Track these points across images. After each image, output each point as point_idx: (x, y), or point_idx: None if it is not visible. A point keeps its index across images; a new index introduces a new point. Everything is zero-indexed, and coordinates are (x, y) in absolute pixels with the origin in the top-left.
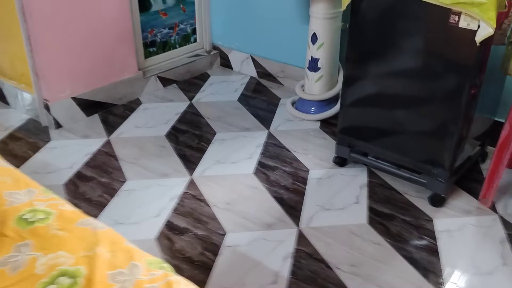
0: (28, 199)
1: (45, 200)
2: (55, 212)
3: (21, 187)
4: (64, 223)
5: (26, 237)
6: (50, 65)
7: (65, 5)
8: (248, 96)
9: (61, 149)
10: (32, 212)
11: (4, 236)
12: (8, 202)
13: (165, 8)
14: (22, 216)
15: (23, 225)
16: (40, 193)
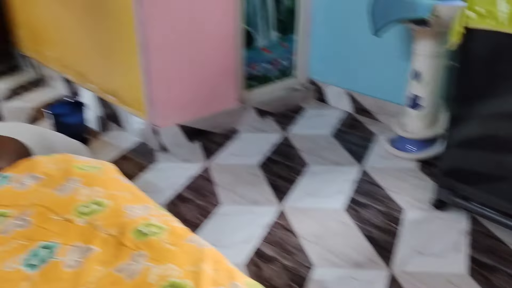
0: (144, 213)
1: (158, 215)
2: (167, 228)
3: (139, 203)
4: (175, 238)
5: (141, 248)
6: (161, 94)
7: (179, 40)
8: (342, 131)
9: (165, 171)
10: (147, 226)
11: (123, 245)
12: (127, 214)
13: (268, 44)
14: (139, 229)
15: (139, 237)
16: (154, 209)
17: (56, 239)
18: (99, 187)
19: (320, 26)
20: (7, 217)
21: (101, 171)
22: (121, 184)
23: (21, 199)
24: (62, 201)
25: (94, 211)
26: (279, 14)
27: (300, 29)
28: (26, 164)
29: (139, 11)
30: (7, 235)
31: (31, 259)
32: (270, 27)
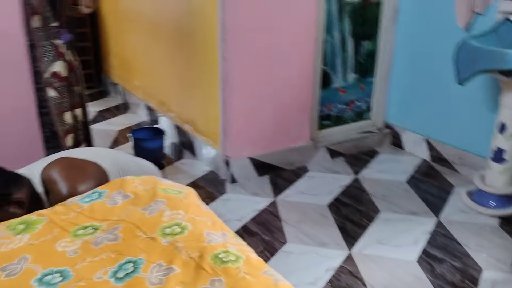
0: (223, 240)
1: (235, 244)
2: (244, 257)
3: (217, 229)
4: (251, 268)
5: (219, 274)
6: (237, 127)
7: (259, 76)
8: (418, 179)
9: (233, 202)
10: (225, 253)
11: (202, 269)
12: (207, 240)
13: (345, 85)
14: (217, 255)
15: (217, 263)
16: (231, 237)
17: (142, 255)
18: (181, 210)
19: (401, 69)
20: (99, 230)
21: (183, 195)
22: (201, 210)
23: (112, 215)
24: (148, 220)
25: (176, 233)
26: (359, 56)
27: (379, 72)
28: (118, 183)
29: (223, 48)
30: (98, 247)
31: (118, 272)
32: (349, 68)
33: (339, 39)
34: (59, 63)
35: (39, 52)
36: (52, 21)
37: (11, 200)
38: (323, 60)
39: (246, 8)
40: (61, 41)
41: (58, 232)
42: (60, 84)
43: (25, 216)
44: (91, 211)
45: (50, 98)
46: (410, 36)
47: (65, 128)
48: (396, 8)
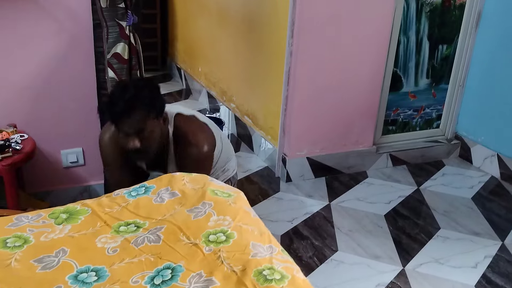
0: (269, 255)
1: (282, 261)
2: (290, 277)
3: (265, 242)
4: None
5: None
6: (297, 125)
7: (325, 75)
8: (485, 197)
9: (286, 202)
10: (270, 270)
11: (244, 285)
12: (252, 253)
13: (416, 90)
14: (261, 271)
15: (261, 281)
16: (279, 253)
17: (182, 262)
18: (228, 216)
19: (477, 78)
20: (141, 228)
21: (232, 199)
22: (250, 217)
23: (156, 213)
24: (193, 224)
25: (221, 241)
26: (434, 61)
27: (454, 79)
28: (167, 179)
29: (291, 42)
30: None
31: (156, 278)
32: (422, 73)
33: (414, 41)
34: (122, 44)
35: (104, 32)
36: (119, 1)
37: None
38: (395, 62)
39: (319, 3)
40: (127, 22)
41: (100, 226)
42: (120, 66)
43: (69, 205)
44: (136, 207)
45: (108, 79)
46: (490, 44)
47: None
48: (480, 13)
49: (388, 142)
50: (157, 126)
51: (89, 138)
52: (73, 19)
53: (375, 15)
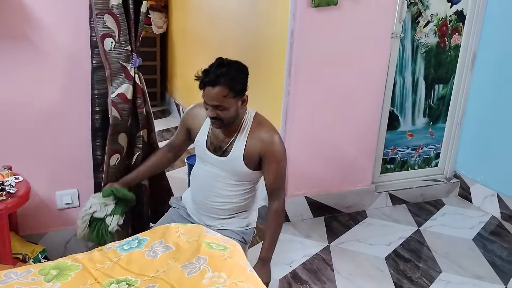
0: None
1: None
2: None
3: None
4: None
5: None
6: (295, 164)
7: (324, 113)
8: (486, 238)
9: (285, 243)
10: None
11: None
12: None
13: (413, 129)
14: None
15: None
16: None
17: None
18: (224, 273)
19: (474, 117)
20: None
21: (228, 253)
22: (246, 274)
23: (149, 269)
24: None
25: None
26: (430, 100)
27: (451, 118)
28: (161, 231)
29: (288, 82)
30: None
31: None
32: (419, 112)
33: (411, 81)
34: (126, 85)
35: (107, 74)
36: (125, 45)
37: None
38: (392, 101)
39: (316, 45)
40: (132, 65)
41: (90, 283)
42: (123, 106)
43: (60, 260)
44: (128, 262)
45: (111, 118)
46: (486, 83)
47: (114, 147)
48: (475, 53)
49: (387, 181)
50: (234, 105)
51: (84, 179)
52: (71, 61)
53: (371, 56)
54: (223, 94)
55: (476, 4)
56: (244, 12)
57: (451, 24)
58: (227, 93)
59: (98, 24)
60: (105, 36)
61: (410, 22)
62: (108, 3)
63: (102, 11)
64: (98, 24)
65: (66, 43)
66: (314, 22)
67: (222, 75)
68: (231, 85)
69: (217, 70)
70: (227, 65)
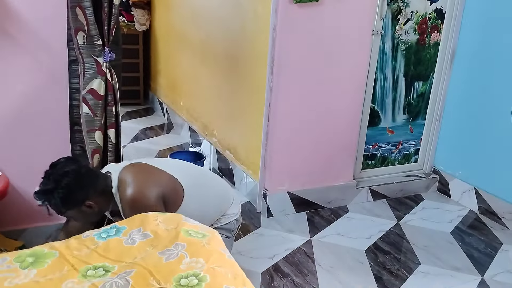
0: None
1: None
2: None
3: (238, 285)
4: None
5: None
6: (277, 160)
7: (305, 111)
8: (463, 231)
9: (267, 237)
10: None
11: None
12: None
13: (393, 126)
14: None
15: None
16: None
17: None
18: (201, 259)
19: (453, 113)
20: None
21: (206, 239)
22: (224, 259)
23: (127, 256)
24: (164, 267)
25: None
26: (410, 97)
27: (430, 114)
28: (139, 219)
29: (271, 79)
30: None
31: None
32: (399, 108)
33: (391, 78)
34: (98, 81)
35: (81, 69)
36: (97, 39)
37: (84, 203)
38: (373, 98)
39: (297, 41)
40: (104, 59)
41: (67, 270)
42: (95, 102)
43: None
44: (105, 249)
45: (83, 115)
46: (465, 80)
47: (93, 146)
48: (454, 51)
49: (368, 176)
50: (78, 213)
51: None
52: (48, 55)
53: (352, 53)
54: (57, 209)
55: (455, 2)
56: (227, 9)
57: (430, 21)
58: (60, 208)
59: (72, 18)
60: (77, 29)
61: (391, 20)
62: None
63: (74, 4)
64: (72, 18)
65: (45, 35)
66: (296, 18)
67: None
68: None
69: (45, 186)
70: (54, 181)
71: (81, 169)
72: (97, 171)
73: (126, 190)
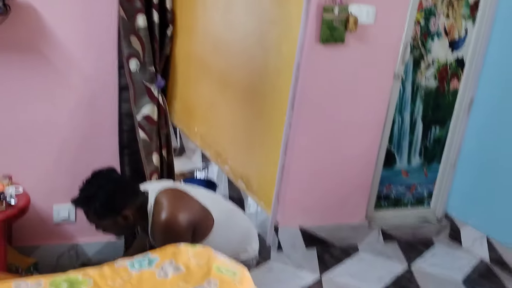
0: None
1: None
2: None
3: None
4: None
5: None
6: (291, 194)
7: (322, 147)
8: (475, 281)
9: (277, 273)
10: None
11: None
12: None
13: (409, 168)
14: None
15: None
16: None
17: None
18: None
19: (468, 160)
20: None
21: (238, 278)
22: None
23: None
24: None
25: None
26: (427, 141)
27: (445, 160)
28: (172, 251)
29: (291, 114)
30: None
31: None
32: (415, 152)
33: (409, 121)
34: (151, 106)
35: (131, 94)
36: (150, 65)
37: (121, 213)
38: (390, 139)
39: (320, 80)
40: (156, 85)
41: None
42: (150, 128)
43: (70, 273)
44: (139, 281)
45: (140, 140)
46: (482, 128)
47: (151, 168)
48: (472, 99)
49: (380, 217)
50: (113, 223)
51: None
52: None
53: (373, 95)
54: (94, 218)
55: (476, 52)
56: (251, 42)
57: (451, 69)
58: (97, 217)
59: (125, 45)
60: (130, 56)
61: (412, 65)
62: (134, 25)
63: (129, 32)
64: (125, 45)
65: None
66: (320, 57)
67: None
68: (101, 211)
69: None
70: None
71: (123, 178)
72: (136, 186)
73: (161, 212)
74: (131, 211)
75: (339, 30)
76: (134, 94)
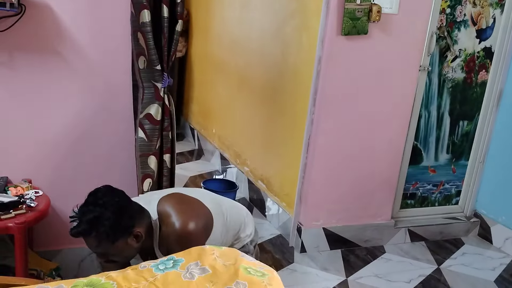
0: None
1: None
2: None
3: None
4: None
5: None
6: (314, 194)
7: (346, 145)
8: (508, 280)
9: (301, 275)
10: None
11: None
12: None
13: (436, 165)
14: None
15: None
16: None
17: None
18: None
19: (498, 155)
20: None
21: (267, 279)
22: None
23: None
24: None
25: None
26: (454, 136)
27: (474, 155)
28: (197, 252)
29: (313, 111)
30: None
31: None
32: (442, 148)
33: (435, 116)
34: (156, 106)
35: (140, 93)
36: (156, 63)
37: (132, 232)
38: (416, 135)
39: (343, 74)
40: (162, 84)
41: None
42: (151, 127)
43: (93, 277)
44: (164, 283)
45: (137, 138)
46: (511, 121)
47: (144, 171)
48: (501, 91)
49: (407, 216)
50: (125, 245)
51: None
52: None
53: (398, 88)
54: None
55: (505, 41)
56: (269, 39)
57: (478, 60)
58: (107, 240)
59: (133, 42)
60: (138, 54)
61: (438, 56)
62: (139, 21)
63: (136, 29)
64: (134, 42)
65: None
66: (342, 50)
67: (95, 221)
68: (109, 231)
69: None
70: (100, 205)
71: (124, 194)
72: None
73: (173, 223)
74: (142, 228)
75: (362, 21)
76: (143, 93)
